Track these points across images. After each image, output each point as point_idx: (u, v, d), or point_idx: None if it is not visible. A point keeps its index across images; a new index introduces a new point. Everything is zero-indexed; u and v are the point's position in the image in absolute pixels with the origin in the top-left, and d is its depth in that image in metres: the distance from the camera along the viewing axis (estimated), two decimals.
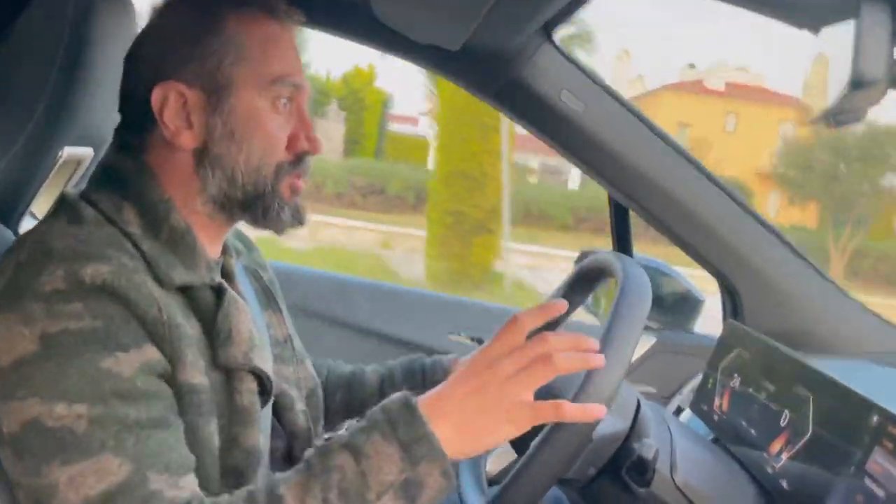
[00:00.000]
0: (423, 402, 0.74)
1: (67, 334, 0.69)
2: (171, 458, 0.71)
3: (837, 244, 16.04)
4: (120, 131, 0.86)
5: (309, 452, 0.74)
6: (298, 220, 0.87)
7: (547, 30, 1.19)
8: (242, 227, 0.95)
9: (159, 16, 0.85)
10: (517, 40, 1.17)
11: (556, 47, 1.23)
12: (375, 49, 1.28)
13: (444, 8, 1.00)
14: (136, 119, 0.82)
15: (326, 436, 0.78)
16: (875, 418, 0.77)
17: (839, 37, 0.55)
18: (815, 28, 0.61)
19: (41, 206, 1.06)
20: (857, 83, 0.46)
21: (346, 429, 0.76)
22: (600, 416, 0.74)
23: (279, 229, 0.87)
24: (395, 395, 0.75)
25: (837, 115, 0.53)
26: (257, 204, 0.84)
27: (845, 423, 0.82)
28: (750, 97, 23.41)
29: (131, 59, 0.85)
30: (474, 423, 0.73)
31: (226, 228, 0.89)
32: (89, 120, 1.00)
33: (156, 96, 0.80)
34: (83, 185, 0.83)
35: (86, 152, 1.04)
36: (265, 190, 0.83)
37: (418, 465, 0.71)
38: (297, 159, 0.85)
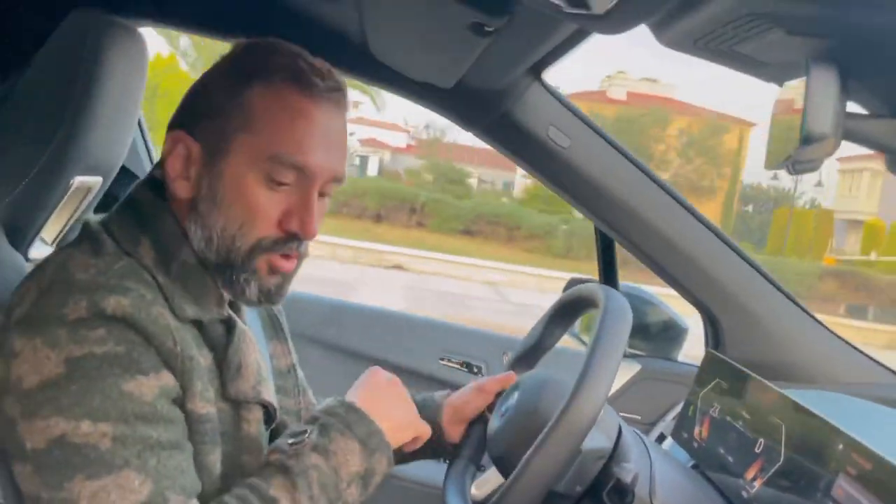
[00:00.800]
0: (359, 404, 0.88)
1: (92, 358, 0.72)
2: (185, 480, 0.74)
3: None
4: (155, 167, 0.88)
5: (277, 458, 0.82)
6: (267, 298, 0.85)
7: (536, 70, 1.24)
8: None
9: (209, 70, 0.86)
10: (507, 80, 1.22)
11: (545, 86, 1.29)
12: (370, 84, 1.34)
13: (439, 50, 1.05)
14: (163, 161, 0.85)
15: (290, 440, 0.84)
16: (840, 446, 0.81)
17: (796, 91, 0.60)
18: (779, 82, 0.67)
19: (50, 230, 1.09)
20: (807, 139, 0.51)
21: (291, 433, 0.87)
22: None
23: (244, 301, 0.86)
24: (332, 401, 0.88)
25: (795, 165, 0.58)
26: (226, 271, 0.83)
27: (814, 451, 0.86)
28: (650, 106, 24.54)
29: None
30: (396, 422, 0.91)
31: None
32: (100, 150, 1.05)
33: (168, 141, 0.83)
34: (89, 213, 0.87)
35: (95, 181, 1.08)
36: (236, 261, 0.82)
37: (373, 456, 0.84)
38: (285, 238, 0.83)
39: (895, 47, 0.55)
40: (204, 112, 0.83)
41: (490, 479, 1.08)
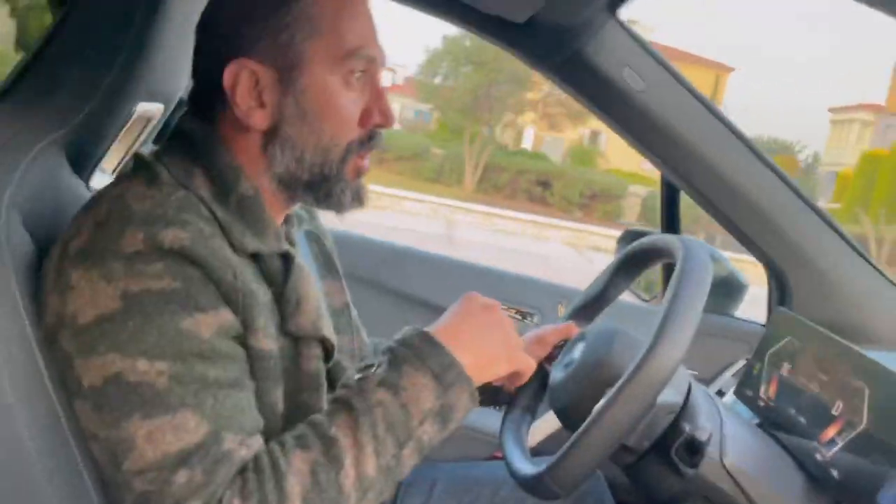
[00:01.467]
0: (441, 332, 0.81)
1: (149, 293, 0.70)
2: (244, 419, 0.73)
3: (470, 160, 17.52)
4: (193, 99, 0.85)
5: (344, 393, 0.77)
6: (359, 201, 0.86)
7: (613, 6, 1.17)
8: None
9: None
10: (583, 15, 1.15)
11: (622, 24, 1.22)
12: (439, 17, 1.28)
13: None
14: (208, 92, 0.81)
15: (358, 376, 0.79)
16: None
17: None
18: None
19: (111, 160, 1.08)
20: None
21: (361, 366, 0.81)
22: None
23: (340, 211, 0.86)
24: (409, 331, 0.81)
25: None
26: (322, 185, 0.83)
27: None
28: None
29: (204, 31, 0.83)
30: (485, 353, 0.84)
31: (291, 204, 0.88)
32: (162, 76, 1.02)
33: (228, 75, 0.78)
34: (149, 143, 0.84)
35: (156, 108, 1.05)
36: (331, 172, 0.82)
37: (450, 391, 0.78)
38: (369, 135, 0.84)
39: None
40: (260, 32, 0.78)
41: (541, 427, 1.06)
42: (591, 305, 1.11)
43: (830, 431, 0.93)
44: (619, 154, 21.74)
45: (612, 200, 18.79)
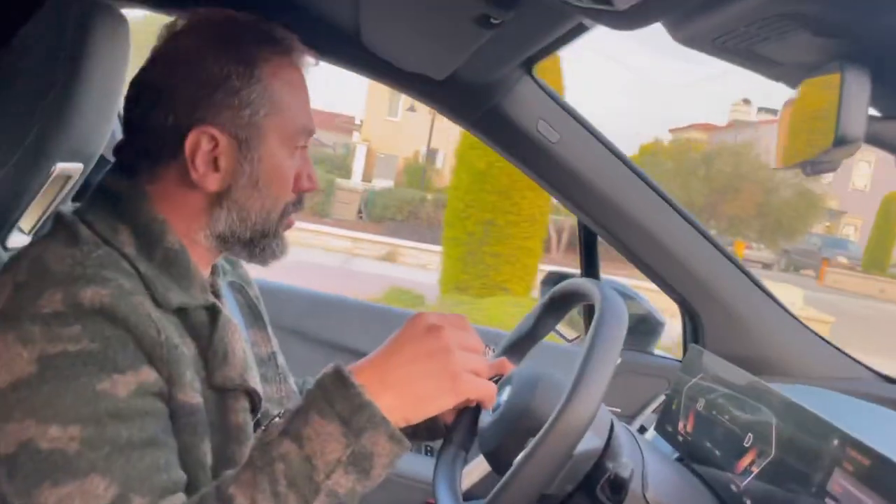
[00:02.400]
0: (359, 370, 0.74)
1: (65, 356, 0.69)
2: (158, 479, 0.72)
3: None
4: (126, 154, 0.86)
5: (252, 446, 0.74)
6: (284, 253, 0.92)
7: (528, 64, 1.24)
8: None
9: (189, 50, 0.83)
10: (499, 73, 1.21)
11: (535, 80, 1.29)
12: (362, 75, 1.32)
13: (437, 41, 1.04)
14: (154, 149, 0.82)
15: (263, 427, 0.78)
16: (835, 441, 0.83)
17: (817, 92, 0.60)
18: (792, 84, 0.67)
19: (28, 219, 1.05)
20: (840, 141, 0.52)
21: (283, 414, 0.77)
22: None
23: (267, 264, 0.91)
24: (327, 370, 0.74)
25: (815, 166, 0.59)
26: (260, 242, 0.88)
27: (807, 446, 0.88)
28: None
29: (158, 94, 0.83)
30: (418, 388, 0.74)
31: (217, 257, 0.92)
32: (82, 136, 1.01)
33: (191, 139, 0.81)
34: (68, 203, 0.84)
35: (76, 168, 1.04)
36: (270, 230, 0.88)
37: (361, 437, 0.70)
38: (299, 198, 0.90)
39: None
40: (226, 103, 0.82)
41: (474, 471, 1.08)
42: (521, 344, 1.15)
43: (744, 462, 0.98)
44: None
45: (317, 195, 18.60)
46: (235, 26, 0.85)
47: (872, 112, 0.65)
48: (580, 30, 1.02)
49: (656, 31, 0.72)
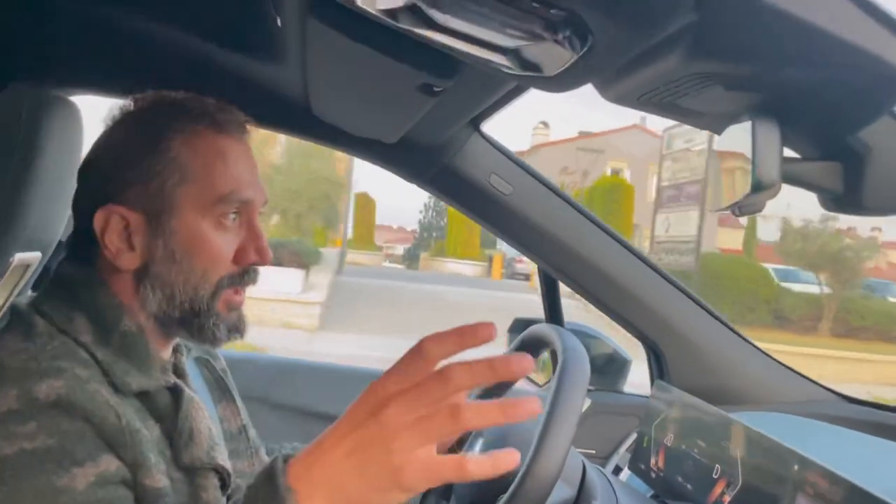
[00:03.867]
0: (296, 466, 0.62)
1: (22, 455, 0.69)
2: None
3: None
4: (71, 242, 0.87)
5: None
6: (237, 333, 0.87)
7: (476, 122, 1.29)
8: None
9: (108, 133, 0.86)
10: (449, 133, 1.26)
11: (484, 136, 1.34)
12: (312, 142, 1.35)
13: (385, 109, 1.08)
14: (85, 234, 0.84)
15: None
16: (796, 466, 0.86)
17: (736, 139, 0.65)
18: (717, 131, 0.72)
19: None
20: (757, 187, 0.56)
21: None
22: (513, 465, 0.60)
23: (214, 344, 0.87)
24: (267, 465, 0.65)
25: (741, 208, 0.63)
26: (194, 321, 0.84)
27: (771, 472, 0.90)
28: None
29: (82, 176, 0.86)
30: (352, 489, 0.60)
31: (172, 339, 0.89)
32: (38, 225, 1.02)
33: (98, 219, 0.81)
34: (27, 292, 0.84)
35: (34, 257, 1.05)
36: (201, 308, 0.83)
37: None
38: (243, 272, 0.86)
39: (825, 97, 0.60)
40: (132, 180, 0.82)
41: None
42: (494, 391, 1.17)
43: (715, 493, 1.00)
44: None
45: None
46: (151, 104, 0.86)
47: (792, 154, 0.70)
48: (523, 89, 1.08)
49: None
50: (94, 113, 0.96)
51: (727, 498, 0.97)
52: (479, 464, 0.58)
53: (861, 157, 0.62)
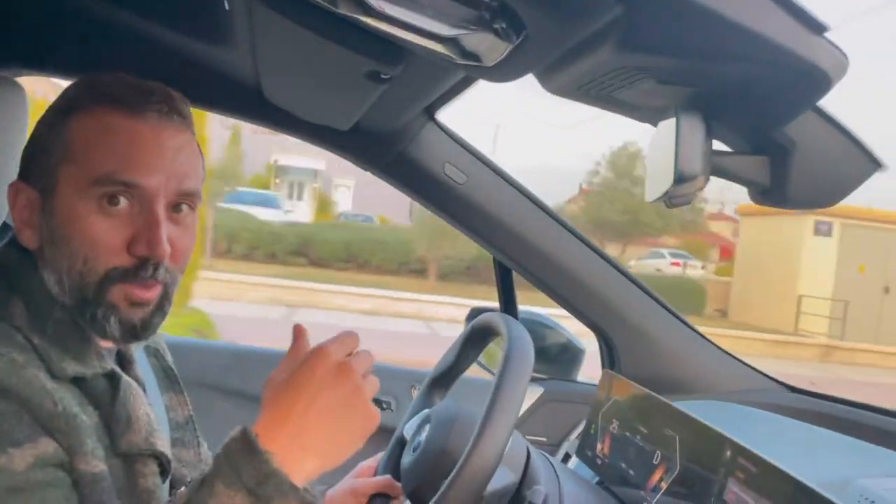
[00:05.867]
0: (272, 434, 0.69)
1: None
2: None
3: None
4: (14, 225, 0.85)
5: None
6: (133, 334, 0.81)
7: (430, 110, 1.29)
8: None
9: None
10: (403, 120, 1.26)
11: (439, 125, 1.34)
12: (264, 126, 1.34)
13: (335, 95, 1.08)
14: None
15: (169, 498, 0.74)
16: (728, 452, 0.88)
17: (666, 133, 0.66)
18: (653, 123, 0.74)
19: None
20: (680, 178, 0.57)
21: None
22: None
23: (111, 339, 0.82)
24: (236, 431, 0.69)
25: (671, 199, 0.65)
26: (84, 310, 0.79)
27: (706, 458, 0.93)
28: None
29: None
30: (338, 441, 0.70)
31: None
32: None
33: (9, 194, 0.80)
34: None
35: None
36: (89, 296, 0.78)
37: None
38: (139, 265, 0.79)
39: (751, 93, 0.62)
40: (31, 155, 0.81)
41: None
42: (444, 377, 1.18)
43: (654, 479, 1.02)
44: None
45: None
46: (78, 82, 0.83)
47: (723, 147, 0.72)
48: (473, 79, 1.08)
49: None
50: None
51: (665, 483, 0.99)
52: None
53: (786, 152, 0.63)
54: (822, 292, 14.73)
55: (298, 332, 0.76)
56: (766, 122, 0.63)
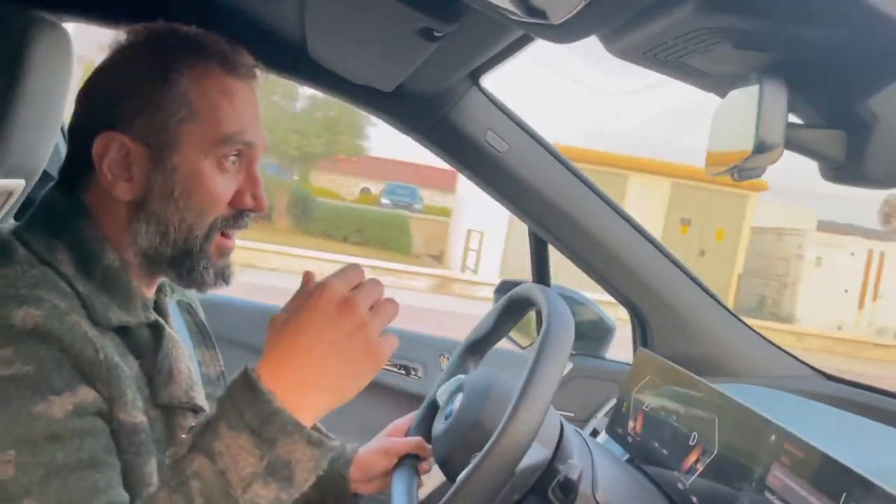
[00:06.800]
0: (274, 373, 0.68)
1: None
2: (97, 501, 0.70)
3: None
4: (64, 167, 0.85)
5: (165, 464, 0.70)
6: (223, 280, 0.87)
7: (475, 75, 1.26)
8: None
9: (114, 58, 0.84)
10: (447, 84, 1.23)
11: (483, 91, 1.31)
12: (307, 86, 1.32)
13: (383, 54, 1.05)
14: (79, 158, 0.82)
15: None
16: (773, 436, 0.86)
17: (741, 101, 0.63)
18: (721, 93, 0.70)
19: None
20: (760, 148, 0.54)
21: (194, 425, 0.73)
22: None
23: (201, 289, 0.86)
24: (239, 373, 0.69)
25: (740, 171, 0.62)
26: (185, 262, 0.83)
27: (747, 442, 0.91)
28: None
29: (81, 100, 0.84)
30: (343, 378, 0.69)
31: (157, 278, 0.88)
32: (23, 151, 0.99)
33: (98, 144, 0.79)
34: (9, 221, 0.82)
35: (17, 184, 1.02)
36: (194, 249, 0.83)
37: (275, 447, 0.66)
38: (237, 215, 0.85)
39: (830, 61, 0.59)
40: (137, 109, 0.80)
41: (433, 478, 1.10)
42: (480, 344, 1.17)
43: (689, 460, 1.01)
44: None
45: None
46: (163, 35, 0.84)
47: (795, 120, 0.68)
48: (525, 41, 1.05)
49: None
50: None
51: (701, 465, 0.98)
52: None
53: (867, 127, 0.60)
54: None
55: (307, 277, 0.75)
56: (849, 93, 0.59)
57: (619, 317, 1.69)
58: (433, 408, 1.09)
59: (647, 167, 13.21)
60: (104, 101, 0.82)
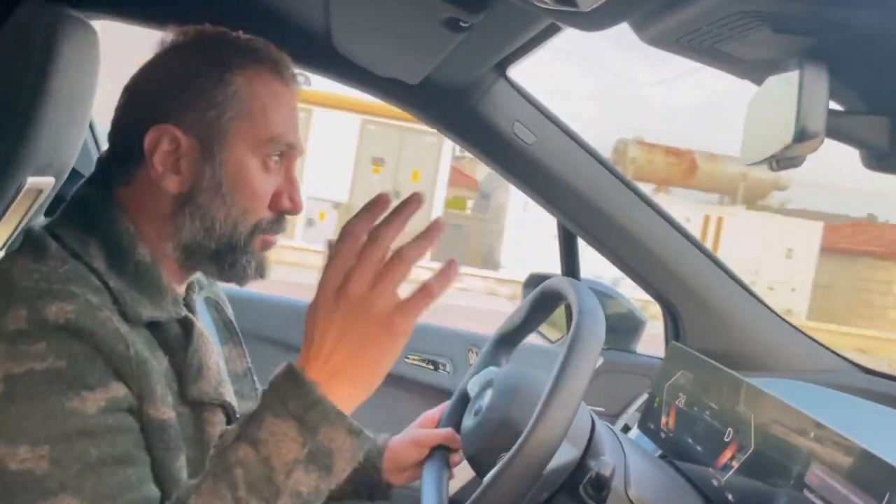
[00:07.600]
0: (308, 365, 0.69)
1: (32, 375, 0.68)
2: (130, 496, 0.71)
3: None
4: (102, 161, 0.86)
5: (210, 454, 0.71)
6: (261, 274, 0.89)
7: (502, 66, 1.24)
8: None
9: (165, 57, 0.85)
10: (474, 75, 1.22)
11: (510, 82, 1.29)
12: (334, 80, 1.32)
13: (408, 46, 1.04)
14: (125, 151, 0.83)
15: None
16: (812, 433, 0.84)
17: (779, 88, 0.61)
18: (756, 80, 0.68)
19: (0, 235, 1.04)
20: (801, 136, 0.52)
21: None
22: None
23: (242, 282, 0.88)
24: (281, 367, 0.71)
25: (780, 161, 0.60)
26: (228, 256, 0.85)
27: (785, 439, 0.88)
28: None
29: (132, 92, 0.85)
30: (364, 360, 0.69)
31: (191, 273, 0.89)
32: (52, 149, 1.00)
33: (150, 137, 0.80)
34: (40, 218, 0.83)
35: (47, 182, 1.03)
36: (238, 244, 0.85)
37: (318, 434, 0.67)
38: (277, 218, 0.87)
39: (874, 44, 0.56)
40: (191, 103, 0.81)
41: (462, 473, 1.09)
42: (511, 337, 1.16)
43: (724, 457, 0.98)
44: None
45: None
46: (216, 37, 0.86)
47: (835, 107, 0.66)
48: (552, 31, 1.03)
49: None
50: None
51: (737, 462, 0.95)
52: (437, 281, 0.68)
53: None
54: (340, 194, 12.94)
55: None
56: (893, 77, 0.57)
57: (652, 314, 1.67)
58: (464, 400, 1.09)
59: (333, 102, 11.80)
60: (156, 96, 0.83)
